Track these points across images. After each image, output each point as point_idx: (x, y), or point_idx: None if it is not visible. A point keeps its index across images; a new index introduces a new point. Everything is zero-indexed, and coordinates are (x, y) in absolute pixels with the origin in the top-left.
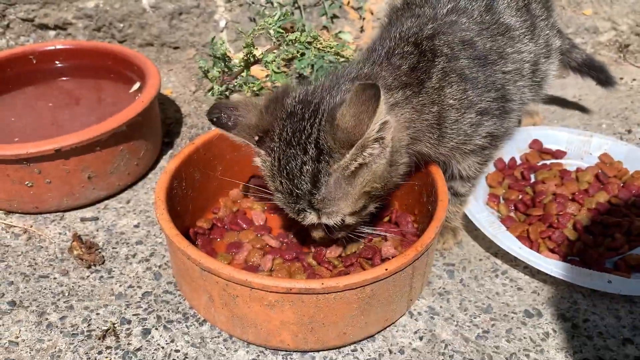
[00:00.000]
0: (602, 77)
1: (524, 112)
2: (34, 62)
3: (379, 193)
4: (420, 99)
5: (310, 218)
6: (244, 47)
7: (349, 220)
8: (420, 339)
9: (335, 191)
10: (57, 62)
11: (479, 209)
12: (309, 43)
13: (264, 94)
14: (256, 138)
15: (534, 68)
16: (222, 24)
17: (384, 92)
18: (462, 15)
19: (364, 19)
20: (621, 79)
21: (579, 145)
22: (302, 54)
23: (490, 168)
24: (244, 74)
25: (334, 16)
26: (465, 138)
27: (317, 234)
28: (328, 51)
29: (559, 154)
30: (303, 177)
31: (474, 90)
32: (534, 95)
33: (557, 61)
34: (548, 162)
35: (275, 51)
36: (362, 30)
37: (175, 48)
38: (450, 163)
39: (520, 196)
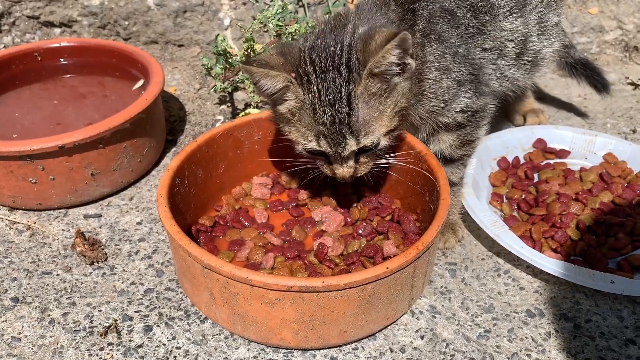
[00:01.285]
0: (597, 79)
1: (520, 90)
2: (39, 59)
3: (402, 117)
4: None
5: (350, 144)
6: (244, 42)
7: (384, 142)
8: (422, 338)
9: (369, 111)
10: (61, 60)
11: (482, 208)
12: None
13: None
14: (293, 75)
15: (521, 47)
16: (227, 22)
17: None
18: None
19: None
20: (627, 78)
21: (583, 145)
22: None
23: (494, 167)
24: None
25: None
26: (442, 103)
27: (344, 170)
28: None
29: (563, 154)
30: (342, 100)
31: (452, 56)
32: (526, 74)
33: (555, 40)
34: (552, 161)
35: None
36: None
37: (180, 46)
38: (432, 142)
39: (524, 195)
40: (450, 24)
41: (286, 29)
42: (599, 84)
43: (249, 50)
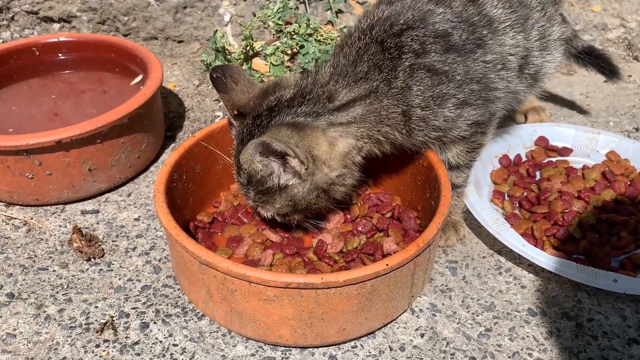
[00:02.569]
0: (605, 67)
1: (518, 104)
2: (37, 54)
3: (304, 210)
4: (383, 101)
5: (250, 204)
6: (243, 40)
7: (278, 219)
8: (422, 336)
9: (262, 196)
10: (60, 55)
11: (483, 206)
12: (309, 35)
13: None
14: (235, 112)
15: (523, 62)
16: (227, 18)
17: (317, 125)
18: (440, 5)
19: (368, 6)
20: (629, 76)
21: (585, 143)
22: (302, 46)
23: (496, 165)
24: (244, 66)
25: (339, 11)
26: (440, 133)
27: (264, 214)
28: (329, 43)
29: (565, 152)
30: (242, 172)
31: (450, 82)
32: (527, 88)
33: (557, 52)
34: (554, 159)
35: (275, 44)
36: None
37: (180, 42)
38: (438, 152)
39: (525, 193)
40: (445, 48)
41: (286, 27)
42: (607, 70)
43: (247, 48)
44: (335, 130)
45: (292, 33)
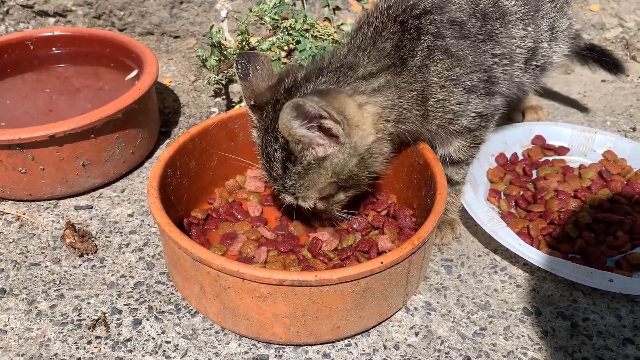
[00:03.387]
0: (609, 62)
1: (523, 94)
2: (32, 48)
3: (349, 184)
4: (403, 75)
5: (288, 199)
6: (239, 35)
7: (320, 205)
8: (416, 334)
9: (302, 178)
10: (54, 49)
11: (479, 204)
12: (306, 31)
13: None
14: (251, 102)
15: (531, 53)
16: (223, 13)
17: (351, 89)
18: None
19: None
20: (627, 76)
21: (582, 142)
22: (298, 42)
23: (492, 163)
24: None
25: (337, 8)
26: (452, 117)
27: (298, 214)
28: (326, 39)
29: (562, 151)
30: (276, 163)
31: (462, 67)
32: (532, 79)
33: (564, 44)
34: (550, 158)
35: (271, 39)
36: None
37: (176, 37)
38: (440, 146)
39: (522, 192)
40: (460, 35)
41: (282, 23)
42: (611, 65)
43: (243, 43)
44: (361, 96)
45: (289, 28)
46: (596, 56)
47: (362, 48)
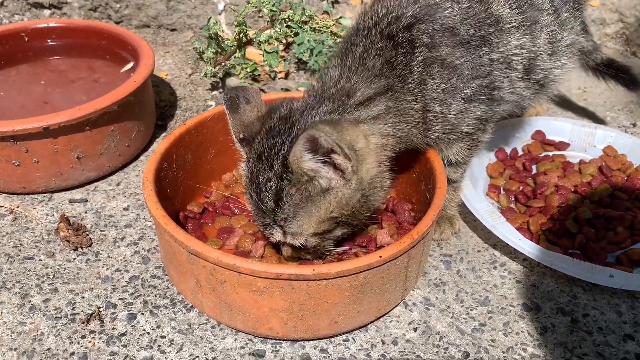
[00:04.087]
0: (626, 78)
1: (521, 110)
2: (26, 39)
3: (347, 220)
4: (403, 98)
5: (276, 236)
6: (236, 26)
7: (312, 241)
8: (415, 330)
9: (297, 210)
10: (49, 41)
11: (478, 199)
12: (304, 23)
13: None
14: (240, 135)
15: (530, 64)
16: (221, 6)
17: (351, 120)
18: (447, 1)
19: (366, 4)
20: None
21: (582, 137)
22: (296, 34)
23: (492, 158)
24: (237, 54)
25: (335, 1)
26: (450, 127)
27: (285, 252)
28: (324, 31)
29: (562, 146)
30: (267, 193)
31: (459, 77)
32: (533, 94)
33: (567, 59)
34: (550, 153)
35: (268, 31)
36: None
37: (173, 30)
38: (439, 150)
39: (521, 187)
40: (454, 42)
41: (280, 14)
42: (628, 81)
43: (240, 35)
44: (364, 125)
45: (287, 20)
46: (613, 72)
47: (353, 71)
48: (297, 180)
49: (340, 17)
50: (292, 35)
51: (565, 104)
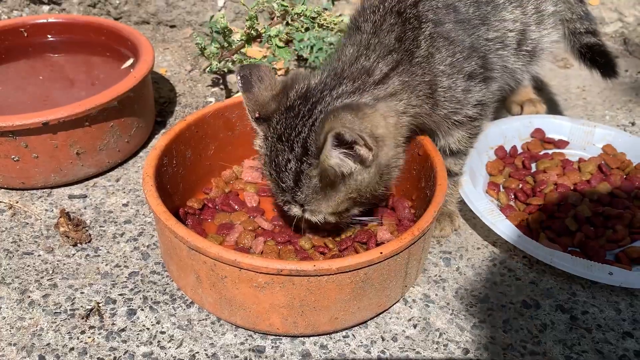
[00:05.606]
0: (600, 62)
1: (516, 84)
2: (25, 35)
3: (365, 200)
4: (412, 70)
5: (295, 211)
6: (247, 20)
7: (330, 218)
8: (414, 326)
9: (316, 192)
10: (49, 36)
11: (478, 196)
12: (313, 18)
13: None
14: (256, 115)
15: (521, 37)
16: (220, 3)
17: (369, 106)
18: None
19: None
20: (626, 71)
21: (582, 136)
22: (307, 29)
23: (491, 156)
24: (244, 49)
25: None
26: (457, 106)
27: (306, 223)
28: (332, 27)
29: (562, 144)
30: (287, 174)
31: (461, 53)
32: (523, 66)
33: (552, 28)
34: (550, 151)
35: (278, 26)
36: None
37: (172, 27)
38: (441, 137)
39: (521, 185)
40: (456, 19)
41: (292, 9)
42: (603, 67)
43: (250, 30)
44: (382, 105)
45: (299, 14)
46: (590, 55)
47: (369, 47)
48: (320, 167)
49: (340, 15)
50: (303, 31)
51: (565, 102)
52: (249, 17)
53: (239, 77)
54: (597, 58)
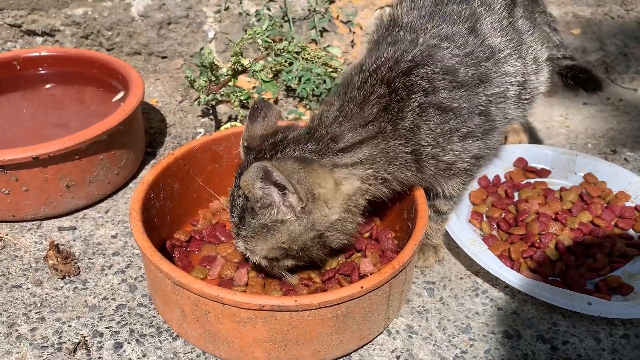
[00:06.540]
0: (583, 77)
1: (510, 129)
2: (18, 68)
3: (298, 254)
4: (391, 142)
5: (240, 247)
6: (232, 56)
7: (263, 262)
8: (397, 358)
9: (255, 232)
10: (41, 69)
11: (461, 226)
12: (297, 53)
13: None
14: (245, 144)
15: (521, 88)
16: (211, 34)
17: (326, 161)
18: (444, 41)
19: (354, 33)
20: (608, 99)
21: (563, 164)
22: (290, 64)
23: (474, 185)
24: (231, 83)
25: (324, 30)
26: (446, 165)
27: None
28: (316, 61)
29: (544, 173)
30: (236, 209)
31: (457, 119)
32: (522, 112)
33: (547, 73)
34: (532, 180)
35: (262, 61)
36: (352, 44)
37: (163, 57)
38: (434, 187)
39: (503, 214)
40: (453, 85)
41: (275, 44)
42: (585, 82)
43: (236, 64)
44: (340, 171)
45: (282, 50)
46: (571, 74)
47: (347, 116)
48: (255, 204)
49: (328, 46)
50: (287, 65)
51: (547, 131)
52: (234, 53)
53: (252, 109)
54: (579, 75)
